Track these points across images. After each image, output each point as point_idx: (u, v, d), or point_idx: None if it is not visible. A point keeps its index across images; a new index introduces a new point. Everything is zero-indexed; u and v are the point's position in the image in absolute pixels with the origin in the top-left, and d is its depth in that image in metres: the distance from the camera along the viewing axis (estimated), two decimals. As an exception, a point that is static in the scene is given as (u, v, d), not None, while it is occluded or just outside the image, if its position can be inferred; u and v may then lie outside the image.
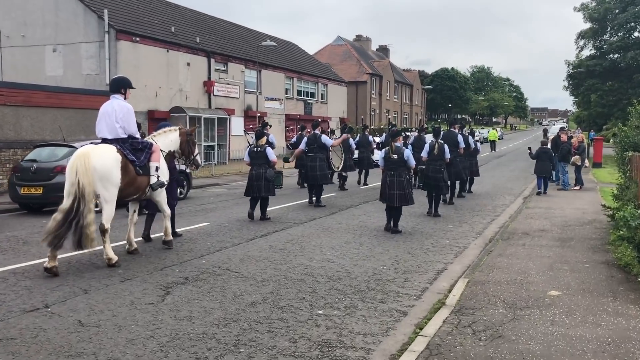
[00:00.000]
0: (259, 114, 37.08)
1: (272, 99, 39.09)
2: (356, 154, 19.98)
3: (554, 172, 20.61)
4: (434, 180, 12.99)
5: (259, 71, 37.57)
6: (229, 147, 33.50)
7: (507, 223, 12.06)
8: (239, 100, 35.18)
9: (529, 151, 19.12)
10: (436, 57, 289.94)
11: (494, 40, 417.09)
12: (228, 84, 33.82)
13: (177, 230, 10.10)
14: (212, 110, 31.49)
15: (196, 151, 9.65)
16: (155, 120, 27.82)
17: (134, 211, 8.83)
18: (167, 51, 28.87)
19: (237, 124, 35.03)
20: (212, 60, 32.40)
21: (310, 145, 14.58)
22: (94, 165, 7.34)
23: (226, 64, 33.83)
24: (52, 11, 26.61)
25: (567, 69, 40.40)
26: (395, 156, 10.54)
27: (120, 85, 8.19)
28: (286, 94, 41.62)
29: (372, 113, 60.60)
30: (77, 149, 8.24)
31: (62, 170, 11.22)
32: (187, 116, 28.32)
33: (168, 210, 8.96)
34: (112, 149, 7.75)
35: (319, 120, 17.88)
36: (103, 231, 7.65)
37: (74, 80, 25.96)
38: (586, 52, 41.08)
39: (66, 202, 7.30)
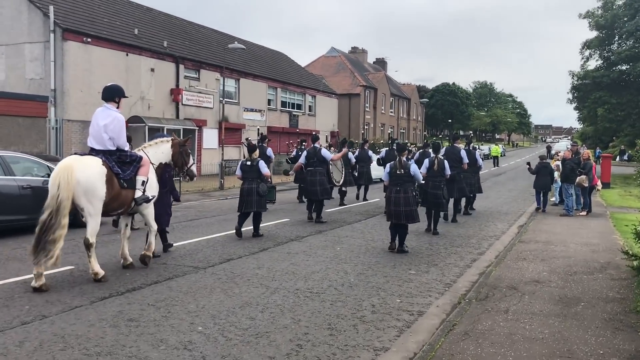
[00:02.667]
0: (236, 126, 34.34)
1: (251, 110, 36.15)
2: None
3: (556, 192, 18.72)
4: (433, 197, 12.53)
5: (237, 79, 34.73)
6: (200, 161, 30.47)
7: (491, 268, 8.93)
8: (212, 111, 32.24)
9: (528, 166, 17.97)
10: (440, 74, 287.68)
11: (498, 57, 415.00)
12: (200, 92, 30.93)
13: (170, 242, 9.90)
14: (177, 121, 28.53)
15: (191, 162, 9.35)
16: (109, 130, 24.88)
17: (126, 225, 8.50)
18: (127, 55, 26.00)
19: (210, 136, 32.13)
20: (182, 66, 29.53)
21: (310, 159, 14.09)
22: (78, 179, 7.09)
23: (198, 71, 30.96)
24: (-7, 8, 23.80)
25: (571, 81, 37.35)
26: (402, 171, 10.17)
27: (114, 94, 7.94)
28: (269, 104, 38.70)
29: (365, 127, 57.61)
30: None
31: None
32: (147, 127, 25.36)
33: (155, 226, 8.62)
34: (97, 161, 7.47)
35: (317, 134, 16.21)
36: (88, 245, 7.37)
37: (18, 85, 23.11)
38: (592, 63, 38.12)
39: (43, 215, 7.03)
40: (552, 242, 11.63)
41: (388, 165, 10.62)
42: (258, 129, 36.74)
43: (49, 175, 11.90)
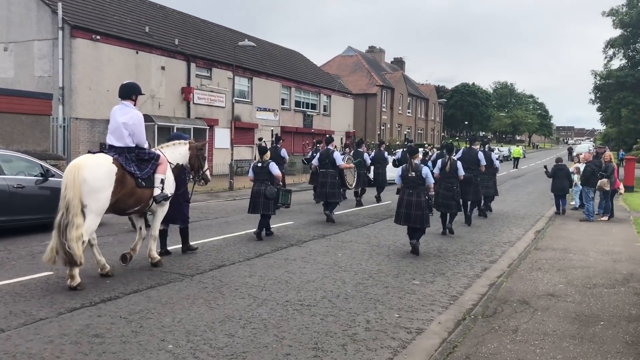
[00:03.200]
0: (250, 126, 33.86)
1: (264, 110, 35.65)
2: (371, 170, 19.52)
3: (576, 195, 18.08)
4: (444, 199, 12.35)
5: (250, 78, 34.26)
6: (212, 161, 30.01)
7: (502, 279, 8.22)
8: (224, 110, 31.78)
9: (544, 169, 17.96)
10: (460, 75, 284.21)
11: (519, 59, 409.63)
12: (212, 91, 30.49)
13: (192, 243, 9.79)
14: (188, 120, 28.11)
15: (206, 166, 9.38)
16: (118, 129, 24.55)
17: (140, 228, 8.45)
18: (137, 52, 25.63)
19: (222, 136, 31.67)
20: (193, 64, 29.11)
21: (323, 161, 14.02)
22: (84, 177, 7.00)
23: (210, 70, 30.52)
24: (3, 5, 23.56)
25: (593, 81, 36.15)
26: (413, 174, 10.01)
27: (132, 92, 7.95)
28: (282, 104, 38.16)
29: (382, 127, 56.82)
30: None
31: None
32: (156, 126, 24.95)
33: (157, 232, 8.49)
34: (107, 160, 7.34)
35: (331, 135, 16.63)
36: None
37: (26, 83, 22.83)
38: (616, 63, 36.86)
39: (57, 217, 7.01)
40: (571, 250, 10.87)
41: (400, 168, 10.47)
42: (272, 130, 36.27)
43: (42, 175, 11.59)
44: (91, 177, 7.06)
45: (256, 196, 11.14)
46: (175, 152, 8.75)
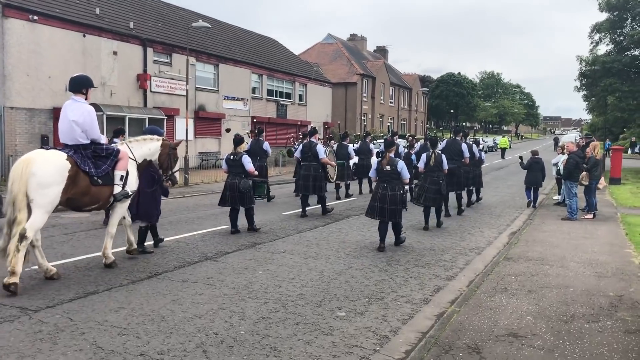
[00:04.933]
0: (216, 116, 31.76)
1: (232, 99, 33.54)
2: (356, 160, 19.17)
3: (563, 191, 16.18)
4: (430, 193, 12.07)
5: (215, 65, 32.14)
6: (172, 154, 27.88)
7: (454, 308, 6.34)
8: (187, 99, 29.63)
9: (519, 160, 17.35)
10: (448, 66, 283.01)
11: (507, 49, 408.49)
12: (172, 78, 28.34)
13: (161, 237, 9.60)
14: (143, 110, 25.98)
15: (176, 168, 9.18)
16: (62, 119, 22.41)
17: (124, 217, 8.22)
18: (84, 36, 23.43)
19: (184, 127, 29.50)
20: (150, 49, 26.96)
21: (305, 154, 13.69)
22: (33, 171, 6.63)
23: (170, 55, 28.36)
24: None
25: (579, 67, 34.29)
26: (388, 168, 9.73)
27: (82, 85, 7.47)
28: (253, 93, 36.08)
29: (363, 117, 54.85)
30: None
31: None
32: (104, 116, 22.80)
33: (114, 228, 7.98)
34: (60, 156, 6.97)
35: (314, 127, 16.28)
36: (21, 236, 6.54)
37: (-45, 69, 20.62)
38: (602, 48, 35.11)
39: (7, 214, 6.71)
40: (547, 260, 9.03)
41: (375, 161, 10.19)
42: (254, 122, 34.14)
43: None
44: (40, 171, 6.70)
45: (230, 189, 10.76)
46: (144, 147, 8.41)
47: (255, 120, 35.47)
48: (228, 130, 33.00)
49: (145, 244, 9.05)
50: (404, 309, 6.43)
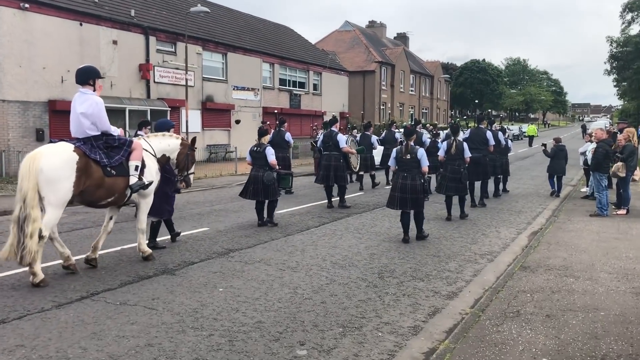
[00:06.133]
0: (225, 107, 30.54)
1: (242, 89, 32.29)
2: (381, 150, 18.95)
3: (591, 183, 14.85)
4: (451, 182, 11.81)
5: (224, 54, 30.89)
6: (178, 147, 26.77)
7: (447, 344, 4.95)
8: (193, 90, 28.49)
9: (543, 148, 16.65)
10: (474, 54, 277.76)
11: (534, 36, 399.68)
12: (177, 68, 27.15)
13: (177, 231, 9.38)
14: (145, 101, 24.85)
15: (192, 169, 8.82)
16: (58, 113, 21.45)
17: (110, 218, 7.82)
18: (81, 24, 22.36)
19: (190, 118, 28.38)
20: (153, 38, 25.81)
21: (326, 144, 13.52)
22: (41, 167, 6.51)
23: (174, 44, 27.17)
24: None
25: (609, 48, 32.17)
26: (408, 156, 9.50)
27: (89, 77, 7.21)
28: (265, 83, 34.77)
29: (382, 106, 53.14)
30: None
31: None
32: (102, 108, 21.70)
33: (144, 224, 7.82)
34: (66, 148, 6.80)
35: (335, 116, 16.01)
36: (40, 237, 6.49)
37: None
38: (635, 28, 32.82)
39: (15, 212, 6.59)
40: (572, 270, 7.56)
41: (394, 150, 9.92)
42: (276, 113, 32.85)
43: None
44: (48, 166, 6.54)
45: (253, 182, 10.62)
46: (163, 143, 8.21)
47: (271, 111, 34.22)
48: (238, 122, 31.81)
49: (158, 239, 8.83)
50: (385, 344, 5.05)
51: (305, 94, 39.16)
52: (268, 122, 25.38)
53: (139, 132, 11.00)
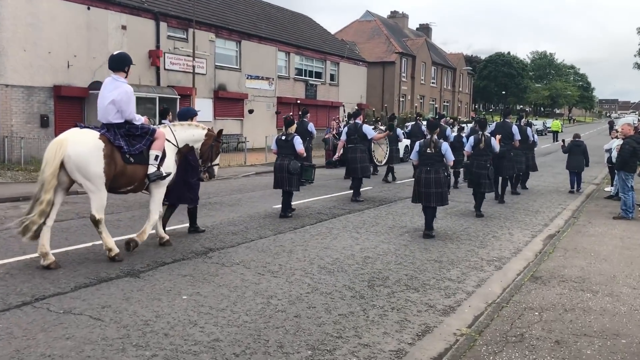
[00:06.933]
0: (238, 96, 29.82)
1: (256, 78, 31.52)
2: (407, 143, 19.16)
3: (616, 182, 14.13)
4: (477, 177, 11.71)
5: (238, 42, 30.15)
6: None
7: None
8: (205, 78, 27.85)
9: (562, 144, 16.60)
10: (500, 47, 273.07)
11: (561, 30, 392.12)
12: (188, 55, 26.45)
13: (198, 225, 9.10)
14: (153, 89, 24.21)
15: (217, 161, 8.60)
16: (64, 99, 20.98)
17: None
18: (88, 8, 21.78)
19: (202, 107, 27.61)
20: (164, 24, 25.18)
21: (351, 136, 13.31)
22: (69, 154, 6.60)
23: (186, 30, 26.47)
24: None
25: (639, 41, 30.62)
26: (432, 150, 9.27)
27: (124, 63, 7.28)
28: (280, 72, 33.96)
29: (401, 98, 51.98)
30: None
31: None
32: (108, 94, 21.13)
33: (156, 215, 7.71)
34: (92, 135, 6.89)
35: (361, 109, 16.71)
36: (95, 222, 6.86)
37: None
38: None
39: (36, 194, 6.64)
40: (590, 282, 6.65)
41: (417, 143, 9.69)
42: (299, 104, 32.01)
43: None
44: (75, 153, 6.62)
45: (279, 170, 10.64)
46: (188, 132, 8.10)
47: (286, 101, 33.44)
48: (251, 112, 31.06)
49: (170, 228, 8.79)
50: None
51: (321, 84, 38.28)
52: (291, 114, 24.70)
53: (163, 121, 11.09)
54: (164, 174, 7.47)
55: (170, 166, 7.66)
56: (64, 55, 20.95)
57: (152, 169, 7.29)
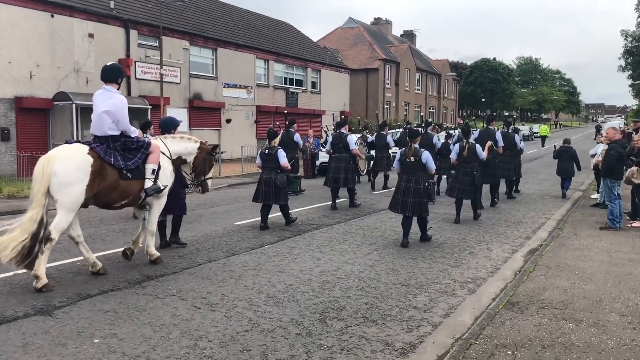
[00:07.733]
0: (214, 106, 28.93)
1: (233, 86, 30.67)
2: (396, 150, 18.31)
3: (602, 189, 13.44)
4: (464, 185, 11.51)
5: (214, 49, 29.32)
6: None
7: None
8: (179, 87, 26.97)
9: (554, 149, 16.46)
10: (487, 53, 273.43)
11: (547, 36, 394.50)
12: (160, 64, 25.58)
13: (179, 237, 8.92)
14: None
15: (210, 174, 8.50)
16: (26, 111, 20.02)
17: (144, 219, 7.72)
18: (52, 16, 20.87)
19: (176, 118, 26.81)
20: (134, 32, 24.30)
21: (335, 145, 13.38)
22: (55, 170, 6.42)
23: (158, 38, 25.56)
24: None
25: (624, 43, 30.25)
26: (412, 159, 9.23)
27: (117, 75, 7.20)
28: (259, 80, 33.14)
29: (386, 105, 51.28)
30: None
31: None
32: (74, 105, 20.21)
33: (154, 227, 7.71)
34: (81, 151, 6.68)
35: (345, 118, 16.90)
36: (47, 239, 6.38)
37: None
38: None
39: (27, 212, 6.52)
40: (573, 309, 5.84)
41: (399, 152, 9.66)
42: (282, 113, 31.27)
43: None
44: (62, 170, 6.41)
45: (265, 185, 10.49)
46: (180, 145, 7.95)
47: (266, 110, 32.60)
48: (228, 121, 30.19)
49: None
50: None
51: (303, 92, 37.49)
52: (278, 124, 24.08)
53: (145, 135, 10.68)
54: (162, 187, 7.37)
55: (167, 177, 7.61)
56: (26, 65, 20.01)
57: (149, 183, 7.17)
